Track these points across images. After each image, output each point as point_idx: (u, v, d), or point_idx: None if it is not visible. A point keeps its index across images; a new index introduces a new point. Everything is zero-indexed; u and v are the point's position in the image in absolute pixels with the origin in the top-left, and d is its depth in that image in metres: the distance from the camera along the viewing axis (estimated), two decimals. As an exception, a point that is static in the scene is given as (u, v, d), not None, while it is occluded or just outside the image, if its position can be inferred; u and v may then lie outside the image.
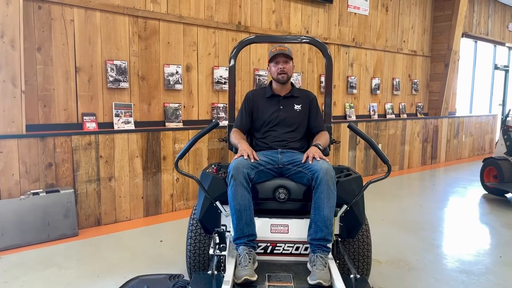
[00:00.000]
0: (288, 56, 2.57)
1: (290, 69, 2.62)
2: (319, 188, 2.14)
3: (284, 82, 2.63)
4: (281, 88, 2.62)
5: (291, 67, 2.63)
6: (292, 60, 2.63)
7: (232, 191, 2.16)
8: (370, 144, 2.32)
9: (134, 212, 4.30)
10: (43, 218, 3.59)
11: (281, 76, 2.60)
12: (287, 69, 2.59)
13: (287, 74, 2.60)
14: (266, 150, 2.50)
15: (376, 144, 2.33)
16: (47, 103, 3.91)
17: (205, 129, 2.37)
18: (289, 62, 2.60)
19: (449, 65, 8.11)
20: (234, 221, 2.16)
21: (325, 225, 2.12)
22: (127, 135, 4.19)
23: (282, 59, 2.58)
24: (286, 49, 2.57)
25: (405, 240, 3.76)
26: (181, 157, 2.33)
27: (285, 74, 2.59)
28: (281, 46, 2.59)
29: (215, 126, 2.36)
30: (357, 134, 2.38)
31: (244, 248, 2.11)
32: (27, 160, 3.61)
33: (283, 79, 2.61)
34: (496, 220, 4.50)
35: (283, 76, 2.60)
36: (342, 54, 6.62)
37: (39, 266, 3.11)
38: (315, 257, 2.08)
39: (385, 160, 2.29)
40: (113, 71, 4.26)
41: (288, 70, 2.60)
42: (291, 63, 2.62)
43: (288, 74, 2.61)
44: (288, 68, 2.60)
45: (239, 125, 2.68)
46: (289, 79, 2.65)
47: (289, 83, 2.67)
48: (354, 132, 2.39)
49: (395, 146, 7.29)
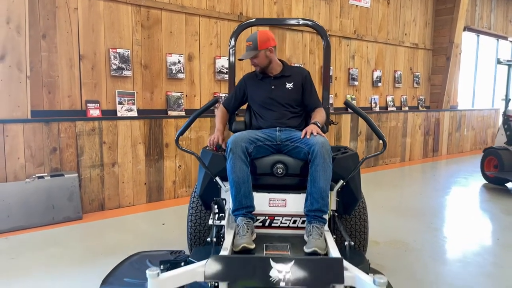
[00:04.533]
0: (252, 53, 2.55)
1: (261, 60, 2.59)
2: (315, 161, 2.20)
3: (262, 71, 2.65)
4: (270, 70, 2.65)
5: (262, 57, 2.58)
6: (262, 50, 2.56)
7: (231, 164, 2.22)
8: (366, 120, 2.37)
9: (137, 197, 4.37)
10: (48, 201, 3.67)
11: (256, 68, 2.65)
12: (258, 62, 2.59)
13: (260, 65, 2.61)
14: (266, 128, 2.55)
15: (372, 121, 2.38)
16: (51, 90, 3.99)
17: (205, 105, 2.43)
18: (257, 55, 2.57)
19: (451, 58, 8.13)
20: (233, 193, 2.22)
21: (321, 197, 2.17)
22: (130, 122, 4.26)
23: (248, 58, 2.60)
24: (250, 43, 2.56)
25: (404, 224, 3.81)
26: (182, 133, 2.40)
27: (258, 66, 2.62)
28: (249, 41, 2.59)
29: (215, 102, 2.42)
30: (353, 110, 2.43)
31: (242, 218, 2.17)
32: (32, 144, 3.69)
33: (259, 70, 2.65)
34: (495, 207, 4.53)
35: (257, 68, 2.65)
36: (343, 46, 6.66)
37: (44, 245, 3.19)
38: (311, 227, 2.14)
39: (380, 136, 2.34)
40: (116, 59, 4.33)
41: (260, 62, 2.58)
42: (260, 54, 2.57)
43: (260, 65, 2.61)
44: (258, 61, 2.57)
45: (226, 104, 2.78)
46: (266, 66, 2.62)
47: (279, 63, 2.68)
48: (350, 108, 2.44)
49: (397, 138, 7.32)
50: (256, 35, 2.56)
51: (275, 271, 1.74)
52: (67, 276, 2.64)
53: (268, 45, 2.55)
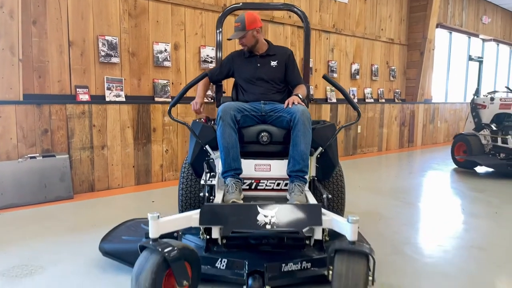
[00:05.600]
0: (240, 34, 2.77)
1: (249, 40, 2.81)
2: (297, 127, 2.43)
3: (249, 50, 2.88)
4: (256, 49, 2.88)
5: (249, 37, 2.80)
6: (250, 31, 2.78)
7: (220, 130, 2.43)
8: (342, 92, 2.61)
9: (126, 180, 4.52)
10: (40, 181, 3.79)
11: (244, 48, 2.88)
12: (245, 42, 2.82)
13: (247, 45, 2.85)
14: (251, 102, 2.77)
15: (347, 93, 2.63)
16: (41, 74, 4.11)
17: (195, 79, 2.64)
18: (245, 35, 2.79)
19: (424, 53, 8.53)
20: (223, 157, 2.43)
21: (302, 159, 2.41)
22: (118, 106, 4.41)
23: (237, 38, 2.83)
24: (239, 24, 2.77)
25: (379, 200, 4.09)
26: (173, 105, 2.58)
27: (245, 46, 2.85)
28: (237, 22, 2.79)
29: (204, 76, 2.63)
30: (331, 83, 2.67)
31: (231, 179, 2.39)
32: (24, 126, 3.81)
33: (247, 49, 2.88)
34: (463, 185, 4.88)
35: (245, 47, 2.87)
36: (323, 39, 6.95)
37: (38, 219, 3.32)
38: (293, 185, 2.37)
39: (355, 107, 2.59)
40: (104, 46, 4.48)
41: (247, 42, 2.81)
42: (248, 34, 2.79)
43: (248, 45, 2.84)
44: (246, 41, 2.80)
45: (210, 74, 2.97)
46: (253, 45, 2.84)
47: (265, 43, 2.91)
48: (328, 82, 2.68)
49: (374, 129, 7.65)
50: (243, 17, 2.77)
51: (262, 216, 1.97)
52: (63, 243, 2.79)
53: (255, 26, 2.78)
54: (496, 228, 3.28)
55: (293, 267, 2.11)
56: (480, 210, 3.80)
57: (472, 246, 2.86)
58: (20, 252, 2.60)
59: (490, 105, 5.80)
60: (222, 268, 2.11)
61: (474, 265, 2.54)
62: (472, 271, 2.45)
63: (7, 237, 2.92)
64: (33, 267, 2.38)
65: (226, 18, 3.20)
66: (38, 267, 2.38)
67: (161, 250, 1.79)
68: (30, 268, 2.36)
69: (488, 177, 5.49)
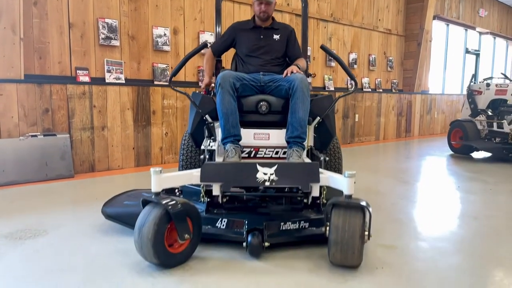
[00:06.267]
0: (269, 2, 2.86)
1: (271, 9, 2.91)
2: (295, 94, 2.48)
3: (265, 20, 2.95)
4: (262, 21, 2.94)
5: (272, 7, 2.91)
6: (274, 1, 2.88)
7: (220, 98, 2.48)
8: (339, 62, 2.67)
9: (126, 161, 4.57)
10: (41, 159, 3.84)
11: (262, 15, 2.92)
12: (268, 11, 2.90)
13: (268, 14, 2.91)
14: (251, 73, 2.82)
15: (344, 63, 2.68)
16: (42, 55, 4.15)
17: (195, 49, 2.68)
18: (271, 4, 2.88)
19: (422, 44, 8.58)
20: (222, 123, 2.47)
21: (300, 125, 2.46)
22: (118, 88, 4.46)
23: (264, 1, 2.89)
24: None
25: (376, 178, 4.15)
26: (174, 74, 2.63)
27: (266, 14, 2.91)
28: None
29: (204, 46, 2.67)
30: (328, 53, 2.72)
31: (231, 144, 2.43)
32: (26, 104, 3.85)
33: (264, 17, 2.93)
34: (459, 167, 4.94)
35: (264, 15, 2.92)
36: (321, 28, 7.00)
37: (41, 194, 3.37)
38: (291, 151, 2.42)
39: (352, 77, 2.64)
40: (104, 28, 4.52)
41: (270, 10, 2.90)
42: (272, 4, 2.90)
43: (268, 14, 2.91)
44: (269, 9, 2.89)
45: (214, 47, 3.04)
46: (270, 16, 2.95)
47: (270, 18, 2.98)
48: (325, 52, 2.73)
49: (371, 118, 7.71)
50: None
51: (261, 173, 2.02)
52: (66, 212, 2.85)
53: None
54: (490, 202, 3.34)
55: (291, 226, 2.16)
56: (475, 187, 3.86)
57: (465, 215, 2.93)
58: (23, 220, 2.64)
59: (486, 91, 5.87)
60: (222, 228, 2.17)
61: (467, 231, 2.60)
62: (464, 235, 2.51)
63: (10, 207, 2.96)
64: (36, 231, 2.43)
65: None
66: (41, 231, 2.43)
67: (163, 203, 1.85)
68: (34, 232, 2.41)
69: (483, 161, 5.56)
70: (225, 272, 1.89)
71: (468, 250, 2.27)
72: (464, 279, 1.87)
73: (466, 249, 2.29)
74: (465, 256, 2.18)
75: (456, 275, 1.92)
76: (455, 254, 2.19)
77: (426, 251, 2.22)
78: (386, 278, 1.86)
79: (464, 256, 2.18)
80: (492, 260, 2.11)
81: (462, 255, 2.20)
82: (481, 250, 2.25)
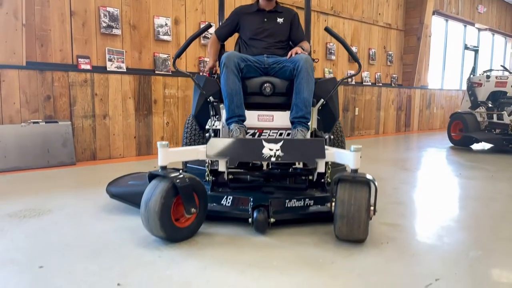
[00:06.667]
0: None
1: None
2: (300, 75, 2.48)
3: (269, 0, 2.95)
4: (266, 4, 2.94)
5: None
6: None
7: (224, 77, 2.48)
8: (343, 44, 2.67)
9: (127, 150, 4.56)
10: (43, 145, 3.83)
11: None
12: None
13: None
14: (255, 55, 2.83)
15: (348, 45, 2.68)
16: (44, 43, 4.14)
17: (199, 30, 2.68)
18: None
19: (421, 38, 8.60)
20: (227, 104, 2.48)
21: (304, 106, 2.46)
22: (120, 76, 4.45)
23: None
24: None
25: (378, 166, 4.16)
26: (178, 56, 2.62)
27: None
28: None
29: (208, 27, 2.67)
30: (332, 35, 2.72)
31: (235, 124, 2.43)
32: (27, 91, 3.84)
33: None
34: (459, 157, 4.96)
35: None
36: (321, 21, 7.00)
37: (43, 178, 3.37)
38: (296, 131, 2.42)
39: (356, 59, 2.64)
40: (106, 17, 4.51)
41: None
42: None
43: None
44: None
45: (218, 33, 3.03)
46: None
47: (274, 1, 2.99)
48: (329, 34, 2.74)
49: (371, 111, 7.73)
50: None
51: (267, 149, 2.02)
52: (70, 193, 2.84)
53: None
54: (492, 186, 3.36)
55: (296, 204, 2.17)
56: (476, 174, 3.88)
57: (468, 198, 2.94)
58: (26, 201, 2.64)
59: (486, 83, 5.89)
60: (227, 205, 2.17)
61: (470, 211, 2.61)
62: (467, 215, 2.52)
63: (12, 190, 2.96)
64: (40, 210, 2.43)
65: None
66: (46, 210, 2.42)
67: (171, 176, 1.85)
68: (38, 211, 2.41)
69: (483, 152, 5.58)
70: (231, 246, 1.90)
71: (472, 227, 2.28)
72: (471, 253, 1.88)
73: (470, 226, 2.30)
74: (470, 233, 2.19)
75: (463, 249, 1.93)
76: (460, 231, 2.20)
77: (431, 229, 2.23)
78: (392, 252, 1.87)
79: (469, 233, 2.18)
80: (497, 236, 2.12)
81: (467, 231, 2.21)
82: (485, 228, 2.26)
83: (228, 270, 1.63)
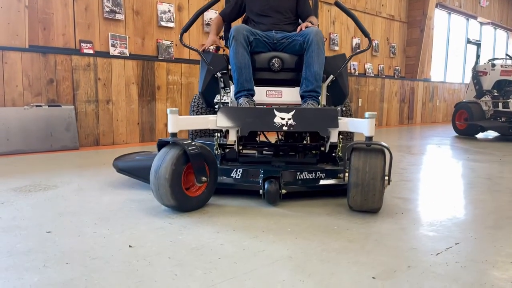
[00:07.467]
0: None
1: None
2: (310, 48, 2.43)
3: None
4: None
5: None
6: None
7: (233, 51, 2.43)
8: (354, 19, 2.63)
9: (131, 136, 4.52)
10: (46, 129, 3.78)
11: None
12: None
13: None
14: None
15: (358, 19, 2.64)
16: (46, 27, 4.08)
17: (207, 4, 2.64)
18: None
19: (424, 30, 8.56)
20: (235, 77, 2.43)
21: (315, 79, 2.41)
22: (123, 61, 4.40)
23: None
24: None
25: (384, 152, 4.12)
26: (185, 30, 2.58)
27: None
28: None
29: (216, 1, 2.63)
30: (343, 10, 2.68)
31: (244, 98, 2.38)
32: (30, 74, 3.79)
33: None
34: (465, 144, 4.92)
35: None
36: (324, 11, 6.96)
37: (47, 161, 3.32)
38: (306, 105, 2.38)
39: (366, 34, 2.60)
40: (109, 1, 4.46)
41: None
42: None
43: None
44: None
45: (223, 13, 2.96)
46: None
47: None
48: (340, 8, 2.69)
49: (375, 103, 7.68)
50: None
51: (279, 118, 1.98)
52: (75, 172, 2.79)
53: None
54: (501, 167, 3.32)
55: (308, 176, 2.12)
56: (484, 158, 3.84)
57: (479, 177, 2.90)
58: (32, 177, 2.60)
59: (491, 71, 5.84)
60: (237, 177, 2.13)
61: (482, 188, 2.56)
62: (479, 191, 2.48)
63: (16, 170, 2.91)
64: (46, 186, 2.38)
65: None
66: (51, 186, 2.38)
67: (182, 143, 1.80)
68: (44, 186, 2.36)
69: (488, 140, 5.54)
70: (243, 215, 1.85)
71: (486, 200, 2.24)
72: (488, 221, 1.83)
73: (484, 200, 2.25)
74: (485, 205, 2.14)
75: (479, 219, 1.88)
76: (474, 204, 2.16)
77: (444, 203, 2.19)
78: (407, 220, 1.83)
79: (484, 205, 2.14)
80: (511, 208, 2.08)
81: (481, 204, 2.16)
82: (498, 202, 2.22)
83: (242, 235, 1.59)
